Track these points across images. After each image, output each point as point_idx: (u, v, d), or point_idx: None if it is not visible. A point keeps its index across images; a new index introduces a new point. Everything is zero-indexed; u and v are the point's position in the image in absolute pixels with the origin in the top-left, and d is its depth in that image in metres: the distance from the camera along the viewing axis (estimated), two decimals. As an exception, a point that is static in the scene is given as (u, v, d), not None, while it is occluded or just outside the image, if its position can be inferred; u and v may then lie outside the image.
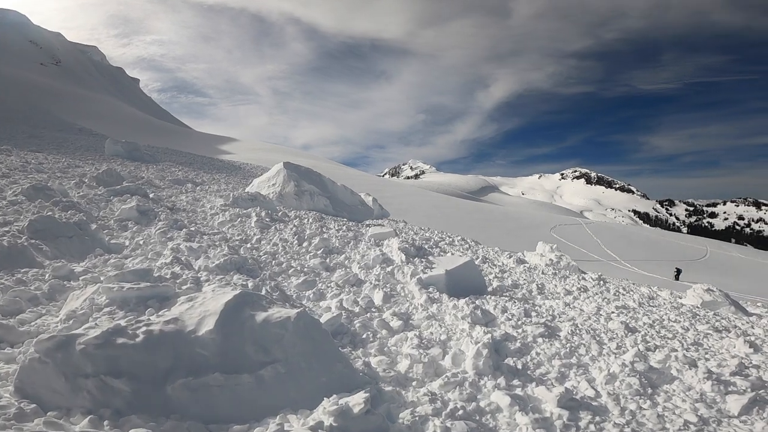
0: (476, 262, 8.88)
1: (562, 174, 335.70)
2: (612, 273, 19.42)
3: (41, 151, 18.77)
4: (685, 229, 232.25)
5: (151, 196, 10.22)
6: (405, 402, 2.89)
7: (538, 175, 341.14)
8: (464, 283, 5.99)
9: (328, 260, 6.37)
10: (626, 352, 4.63)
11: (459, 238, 14.88)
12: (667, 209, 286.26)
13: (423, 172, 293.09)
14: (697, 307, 8.76)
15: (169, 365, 2.38)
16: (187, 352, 2.43)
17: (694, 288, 10.03)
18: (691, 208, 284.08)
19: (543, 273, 9.61)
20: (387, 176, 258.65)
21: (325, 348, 2.85)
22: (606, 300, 7.47)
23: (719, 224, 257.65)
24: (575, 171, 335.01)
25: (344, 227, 10.36)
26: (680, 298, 9.86)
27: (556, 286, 8.19)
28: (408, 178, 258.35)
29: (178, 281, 3.39)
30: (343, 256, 6.69)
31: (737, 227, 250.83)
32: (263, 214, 8.81)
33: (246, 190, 12.79)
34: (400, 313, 4.45)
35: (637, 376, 3.93)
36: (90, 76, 74.62)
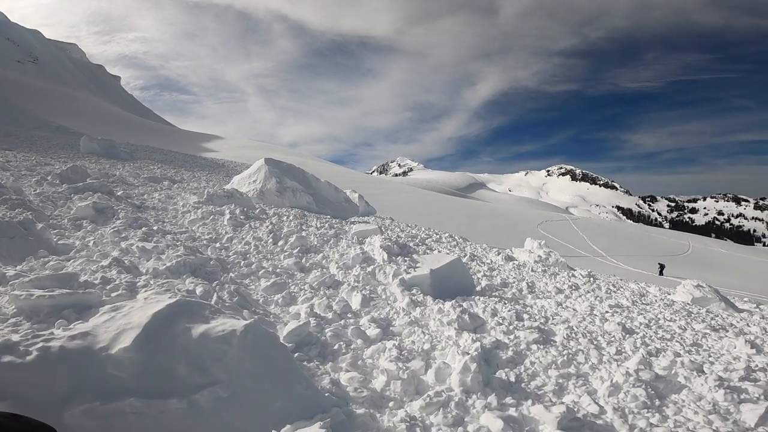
0: (464, 260, 8.46)
1: (548, 171, 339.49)
2: (599, 269, 19.31)
3: (12, 149, 17.95)
4: (667, 225, 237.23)
5: (119, 193, 9.53)
6: (379, 428, 2.41)
7: (524, 172, 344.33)
8: (451, 283, 5.54)
9: (304, 260, 5.85)
10: (628, 359, 4.24)
11: (447, 235, 14.48)
12: (649, 205, 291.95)
13: (411, 170, 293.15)
14: (688, 303, 8.54)
15: (69, 388, 1.87)
16: (95, 373, 1.92)
17: (683, 284, 9.83)
18: (673, 204, 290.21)
19: (533, 270, 9.26)
20: (375, 174, 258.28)
21: (282, 366, 2.35)
22: (598, 298, 7.14)
23: (700, 219, 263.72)
24: (561, 168, 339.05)
25: (326, 225, 9.84)
26: (669, 294, 9.65)
27: (546, 284, 7.84)
28: (396, 175, 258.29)
29: (108, 287, 2.82)
30: (321, 255, 6.18)
31: (717, 222, 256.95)
32: (238, 211, 8.23)
33: (224, 188, 12.17)
34: (380, 319, 3.96)
35: (643, 386, 3.52)
36: (68, 74, 72.62)
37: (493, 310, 4.81)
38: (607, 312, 6.22)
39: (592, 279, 9.32)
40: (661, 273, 22.51)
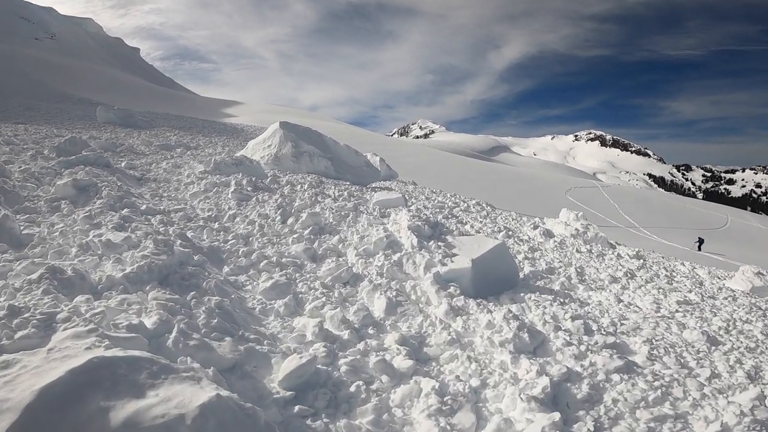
0: (499, 237, 7.43)
1: (576, 135, 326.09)
2: (633, 241, 17.94)
3: (27, 122, 17.51)
4: (700, 195, 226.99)
5: (121, 164, 8.69)
6: None
7: (551, 136, 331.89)
8: (493, 275, 4.56)
9: (316, 244, 4.91)
10: (732, 388, 3.24)
11: (474, 202, 13.39)
12: (683, 174, 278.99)
13: (432, 132, 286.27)
14: (747, 293, 7.49)
15: None
16: None
17: (742, 270, 8.74)
18: (708, 174, 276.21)
19: (578, 251, 8.21)
20: (396, 136, 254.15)
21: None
22: (661, 291, 6.08)
23: (736, 191, 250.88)
24: (590, 133, 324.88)
25: (345, 193, 8.85)
26: (723, 279, 8.57)
27: (597, 270, 6.80)
28: (417, 137, 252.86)
29: (15, 321, 1.87)
30: (337, 237, 5.22)
31: (754, 195, 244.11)
32: (245, 182, 7.29)
33: (232, 155, 11.22)
34: (411, 338, 3.01)
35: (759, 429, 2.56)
36: (87, 48, 71.94)
37: (554, 316, 3.80)
38: (677, 311, 5.18)
39: (642, 261, 8.24)
40: (699, 248, 20.93)
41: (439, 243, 4.62)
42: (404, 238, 4.77)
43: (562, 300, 4.64)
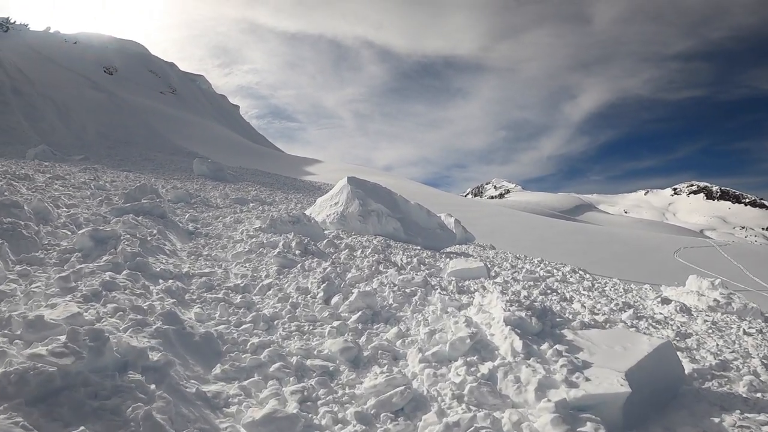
0: (624, 316, 5.32)
1: (674, 189, 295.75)
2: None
3: (135, 171, 19.36)
4: None
5: (183, 217, 8.35)
6: None
7: (644, 191, 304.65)
8: (652, 388, 2.74)
9: (363, 339, 3.42)
10: None
11: (568, 269, 11.12)
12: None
13: (508, 191, 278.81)
14: None
15: None
16: None
17: None
18: None
19: (746, 333, 5.79)
20: (470, 196, 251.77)
21: None
22: None
23: None
24: (691, 185, 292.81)
25: (414, 260, 7.43)
26: None
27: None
28: (492, 197, 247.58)
29: None
30: (396, 330, 3.66)
31: None
32: (294, 243, 6.23)
33: (294, 212, 10.56)
34: None
35: None
36: (199, 104, 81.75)
37: None
38: None
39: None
40: None
41: (557, 345, 2.89)
42: (499, 337, 3.08)
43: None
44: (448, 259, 8.63)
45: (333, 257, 6.61)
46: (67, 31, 71.84)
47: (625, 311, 6.22)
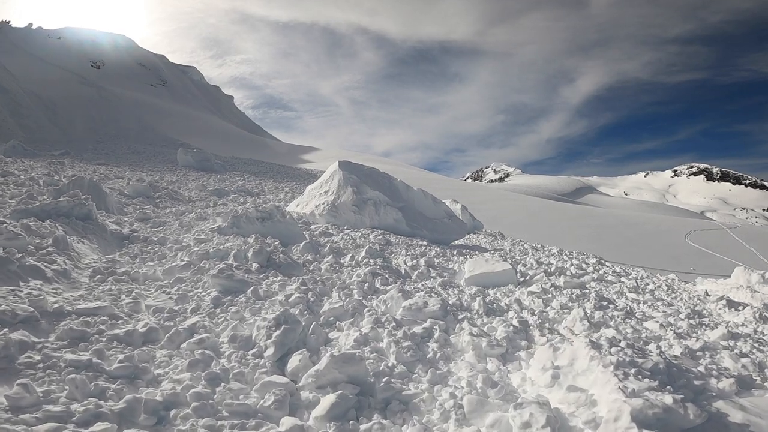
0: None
1: (674, 170, 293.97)
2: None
3: (118, 164, 18.16)
4: None
5: (112, 219, 6.60)
6: None
7: (644, 173, 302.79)
8: None
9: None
10: None
11: (594, 261, 9.73)
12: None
13: (508, 175, 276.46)
14: None
15: None
16: None
17: None
18: None
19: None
20: (469, 180, 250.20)
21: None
22: None
23: None
24: (691, 166, 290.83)
25: (421, 261, 5.91)
26: None
27: None
28: (492, 181, 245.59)
29: None
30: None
31: None
32: (251, 252, 4.58)
33: (263, 204, 8.95)
34: None
35: None
36: (191, 95, 79.73)
37: None
38: None
39: None
40: None
41: None
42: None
43: None
44: (461, 258, 7.12)
45: (309, 269, 5.01)
46: (50, 26, 69.47)
47: (705, 325, 4.76)
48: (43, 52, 56.55)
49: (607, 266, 9.67)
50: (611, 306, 4.90)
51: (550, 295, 4.98)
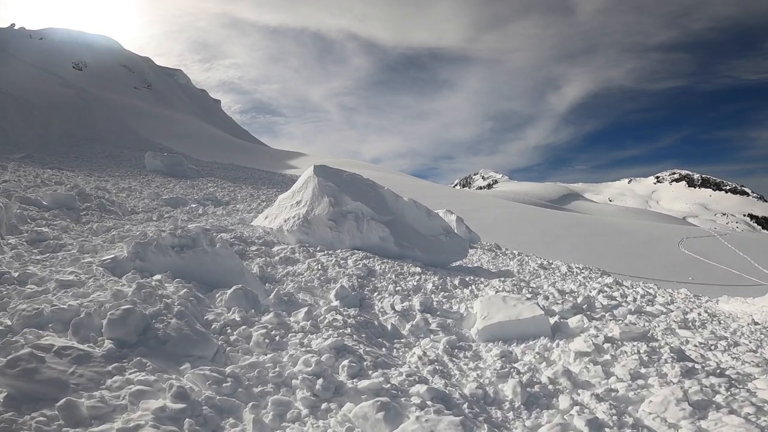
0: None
1: (657, 177, 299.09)
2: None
3: (65, 169, 16.24)
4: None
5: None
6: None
7: (627, 180, 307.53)
8: None
9: None
10: None
11: (610, 280, 8.40)
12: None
13: (496, 182, 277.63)
14: None
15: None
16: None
17: None
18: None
19: None
20: (458, 187, 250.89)
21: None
22: None
23: None
24: (673, 173, 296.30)
25: (415, 303, 4.35)
26: None
27: None
28: (480, 188, 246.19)
29: None
30: None
31: None
32: (108, 319, 2.53)
33: (200, 223, 7.31)
34: None
35: None
36: (177, 99, 77.47)
37: None
38: None
39: None
40: None
41: None
42: None
43: None
44: (467, 290, 5.56)
45: (221, 349, 2.81)
46: (33, 27, 66.93)
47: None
48: (23, 53, 54.50)
49: (626, 286, 8.33)
50: (696, 366, 3.36)
51: (608, 356, 3.43)
